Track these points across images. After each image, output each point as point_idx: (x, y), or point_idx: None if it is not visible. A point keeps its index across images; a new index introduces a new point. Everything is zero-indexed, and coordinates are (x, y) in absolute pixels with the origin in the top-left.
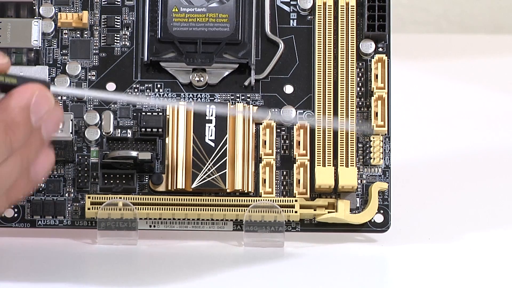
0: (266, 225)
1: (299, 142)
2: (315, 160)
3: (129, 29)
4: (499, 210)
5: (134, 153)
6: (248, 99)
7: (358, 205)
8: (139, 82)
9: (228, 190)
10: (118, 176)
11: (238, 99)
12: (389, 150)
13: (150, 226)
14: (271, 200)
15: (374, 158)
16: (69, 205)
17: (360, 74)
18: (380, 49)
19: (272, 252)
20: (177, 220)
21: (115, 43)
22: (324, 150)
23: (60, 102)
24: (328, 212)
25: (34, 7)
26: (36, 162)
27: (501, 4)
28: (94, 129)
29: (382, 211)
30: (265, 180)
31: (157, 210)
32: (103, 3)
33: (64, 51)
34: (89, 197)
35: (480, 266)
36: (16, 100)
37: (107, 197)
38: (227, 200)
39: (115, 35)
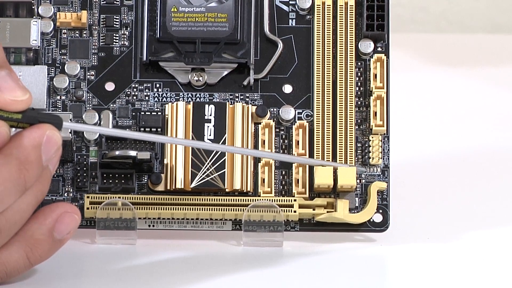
0: (265, 225)
1: (298, 141)
2: None
3: (128, 28)
4: (499, 210)
5: (133, 153)
6: (247, 99)
7: (357, 204)
8: (138, 82)
9: (227, 190)
10: (117, 175)
11: (237, 99)
12: (388, 150)
13: (149, 225)
14: (270, 200)
15: (373, 158)
16: None
17: (359, 74)
18: (379, 49)
19: (271, 252)
20: (176, 220)
21: (114, 43)
22: (323, 150)
23: (59, 101)
24: (327, 212)
25: (33, 7)
26: (60, 222)
27: (500, 4)
28: None
29: (381, 211)
30: (264, 179)
31: (156, 209)
32: (102, 2)
33: (63, 51)
34: (88, 197)
35: (479, 265)
36: (28, 139)
37: (106, 197)
38: (226, 199)
39: (114, 34)
